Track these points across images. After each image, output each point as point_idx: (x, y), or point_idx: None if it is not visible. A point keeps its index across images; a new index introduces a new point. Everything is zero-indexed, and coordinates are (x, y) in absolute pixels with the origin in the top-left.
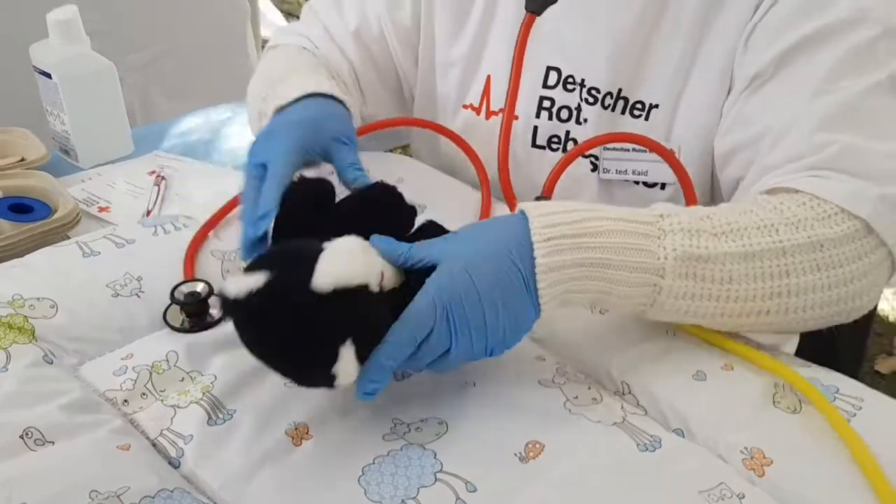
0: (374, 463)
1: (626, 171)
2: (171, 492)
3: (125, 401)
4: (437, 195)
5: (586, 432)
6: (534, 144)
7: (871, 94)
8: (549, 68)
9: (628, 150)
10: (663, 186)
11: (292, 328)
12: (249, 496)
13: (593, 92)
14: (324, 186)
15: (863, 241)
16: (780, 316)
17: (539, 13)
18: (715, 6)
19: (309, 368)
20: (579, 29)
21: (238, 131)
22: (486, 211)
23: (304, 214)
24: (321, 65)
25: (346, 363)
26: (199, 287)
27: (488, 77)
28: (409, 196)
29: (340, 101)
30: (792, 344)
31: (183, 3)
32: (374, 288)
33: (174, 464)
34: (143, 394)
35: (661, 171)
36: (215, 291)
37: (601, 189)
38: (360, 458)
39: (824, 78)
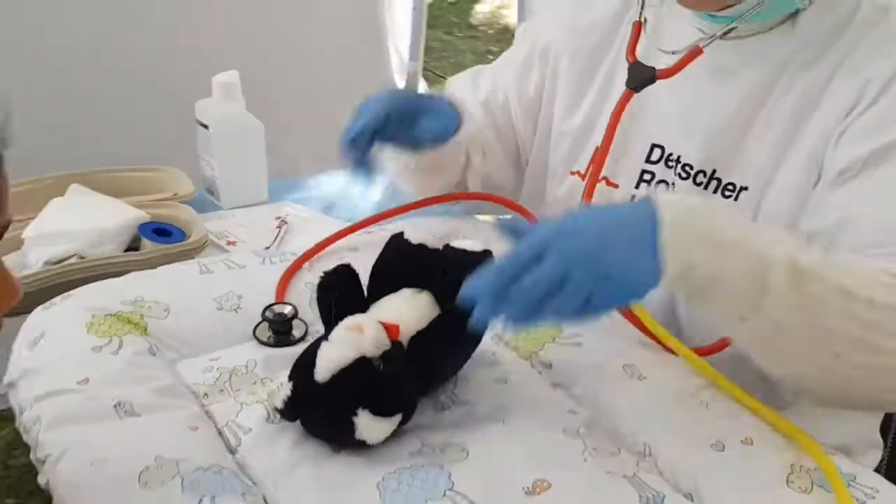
0: (394, 472)
1: None
2: (222, 470)
3: (205, 394)
4: None
5: (594, 479)
6: None
7: None
8: (654, 145)
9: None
10: None
11: (314, 420)
12: (286, 486)
13: (687, 168)
14: (413, 246)
15: None
16: (866, 373)
17: (637, 90)
18: (810, 107)
19: (340, 442)
20: (682, 112)
21: (362, 192)
22: None
23: (396, 267)
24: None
25: (365, 429)
26: (287, 309)
27: (596, 147)
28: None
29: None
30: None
31: (331, 71)
32: (375, 353)
33: (232, 451)
34: (221, 390)
35: None
36: (298, 315)
37: None
38: (384, 467)
39: None
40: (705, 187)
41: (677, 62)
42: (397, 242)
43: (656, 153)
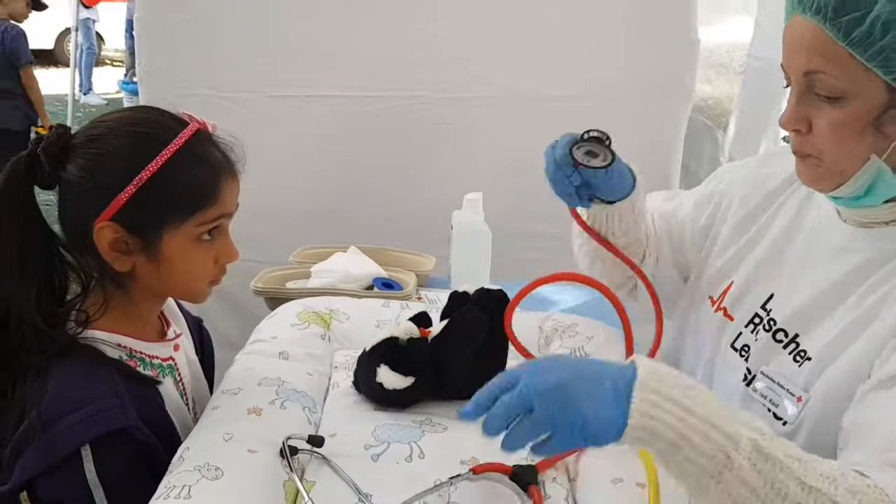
0: (392, 423)
1: (767, 398)
2: (310, 395)
3: (335, 365)
4: None
5: None
6: (731, 345)
7: None
8: (772, 294)
9: (783, 387)
10: (784, 423)
11: (359, 374)
12: (328, 412)
13: (771, 322)
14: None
15: None
16: None
17: None
18: (887, 305)
19: (371, 389)
20: (793, 274)
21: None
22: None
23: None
24: None
25: (384, 378)
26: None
27: (731, 282)
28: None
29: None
30: None
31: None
32: (403, 337)
33: (326, 394)
34: (346, 367)
35: (786, 408)
36: None
37: (741, 400)
38: (388, 417)
39: None
40: (783, 345)
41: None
42: (455, 292)
43: (770, 302)
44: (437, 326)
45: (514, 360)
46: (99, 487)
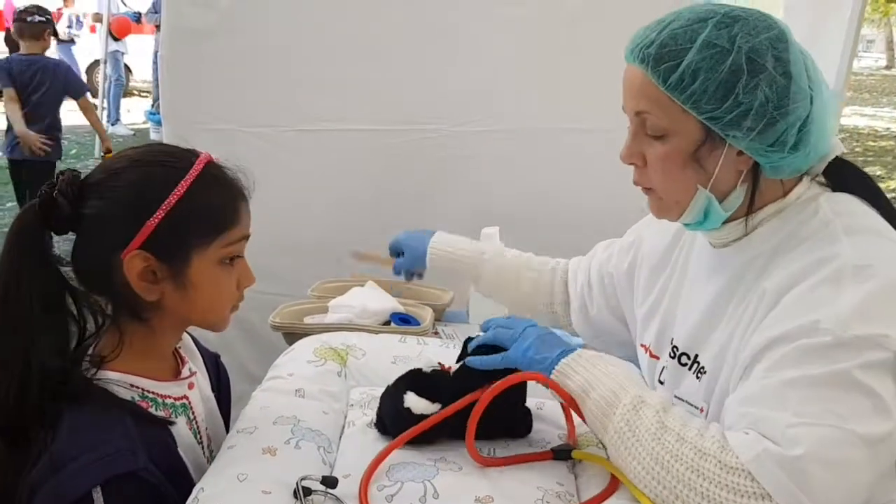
0: (410, 462)
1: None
2: (325, 435)
3: (351, 404)
4: None
5: None
6: (658, 380)
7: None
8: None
9: (690, 404)
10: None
11: (384, 404)
12: (345, 447)
13: (675, 349)
14: None
15: (745, 482)
16: (669, 495)
17: None
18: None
19: (397, 415)
20: (685, 300)
21: None
22: None
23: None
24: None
25: (411, 403)
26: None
27: (654, 327)
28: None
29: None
30: None
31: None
32: (426, 369)
33: (342, 432)
34: (361, 405)
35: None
36: None
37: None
38: (409, 454)
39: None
40: (689, 368)
41: None
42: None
43: (673, 331)
44: (455, 367)
45: (533, 397)
46: None
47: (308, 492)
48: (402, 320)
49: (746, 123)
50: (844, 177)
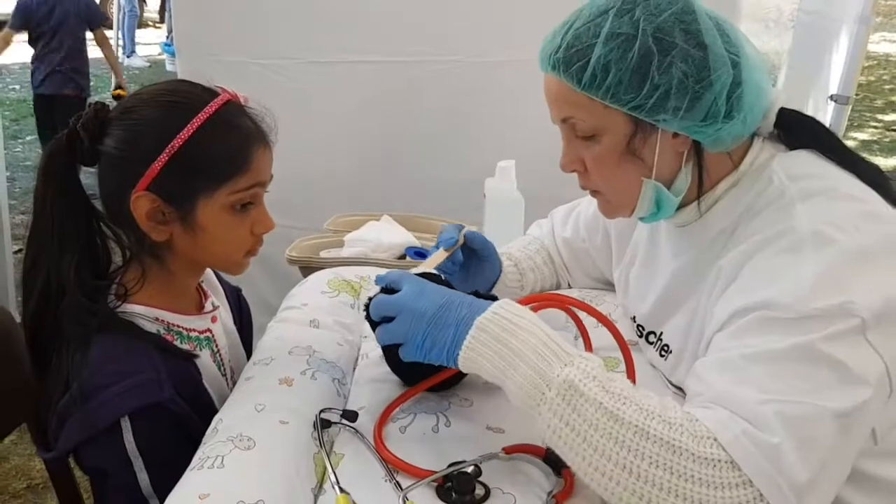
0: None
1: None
2: (339, 366)
3: (365, 336)
4: None
5: None
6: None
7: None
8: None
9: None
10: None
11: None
12: (358, 384)
13: (640, 328)
14: None
15: (724, 472)
16: (632, 497)
17: None
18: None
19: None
20: (649, 277)
21: None
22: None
23: None
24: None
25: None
26: None
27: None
28: None
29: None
30: None
31: None
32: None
33: (355, 364)
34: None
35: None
36: None
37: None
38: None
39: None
40: (652, 345)
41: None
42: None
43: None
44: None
45: None
46: (138, 457)
47: (327, 424)
48: (418, 254)
49: (671, 104)
50: (797, 130)
